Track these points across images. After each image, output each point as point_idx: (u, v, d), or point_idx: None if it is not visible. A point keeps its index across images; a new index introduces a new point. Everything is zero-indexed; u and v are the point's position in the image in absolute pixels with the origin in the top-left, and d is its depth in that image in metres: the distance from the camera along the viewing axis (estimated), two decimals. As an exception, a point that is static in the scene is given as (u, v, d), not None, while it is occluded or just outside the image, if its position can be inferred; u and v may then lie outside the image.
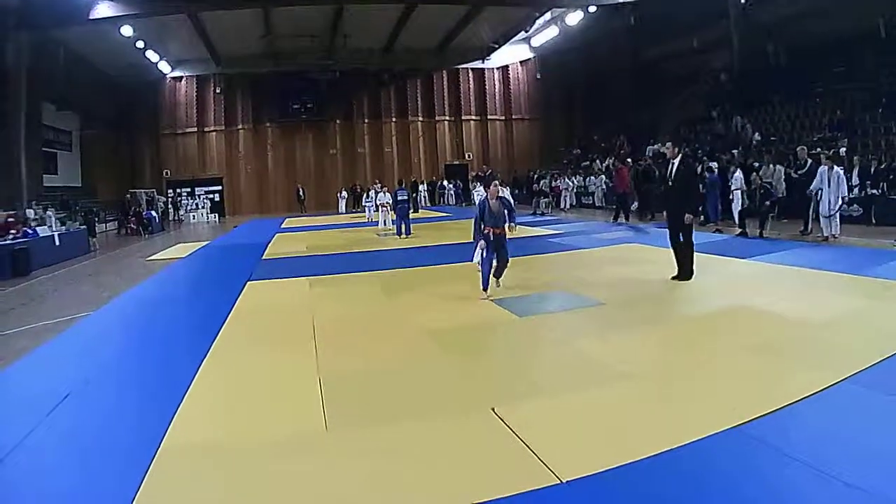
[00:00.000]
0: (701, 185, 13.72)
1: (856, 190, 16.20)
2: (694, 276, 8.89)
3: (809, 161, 14.28)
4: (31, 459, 4.02)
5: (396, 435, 4.11)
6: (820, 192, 12.63)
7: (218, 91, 37.64)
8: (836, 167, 12.78)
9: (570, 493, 3.26)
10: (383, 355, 6.03)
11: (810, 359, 5.18)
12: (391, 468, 3.64)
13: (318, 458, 3.84)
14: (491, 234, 8.33)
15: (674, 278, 8.98)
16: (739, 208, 15.17)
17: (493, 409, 4.38)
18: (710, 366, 5.20)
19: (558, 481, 3.34)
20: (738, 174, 15.69)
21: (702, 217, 15.17)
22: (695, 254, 9.06)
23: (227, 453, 3.94)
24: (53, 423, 4.59)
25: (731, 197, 16.10)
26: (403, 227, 17.76)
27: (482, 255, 8.37)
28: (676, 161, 9.05)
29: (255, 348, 6.61)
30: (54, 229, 18.60)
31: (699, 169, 15.42)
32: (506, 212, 8.53)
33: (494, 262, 8.51)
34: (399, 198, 18.00)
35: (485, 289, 8.46)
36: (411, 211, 19.49)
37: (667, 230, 9.38)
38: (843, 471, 3.27)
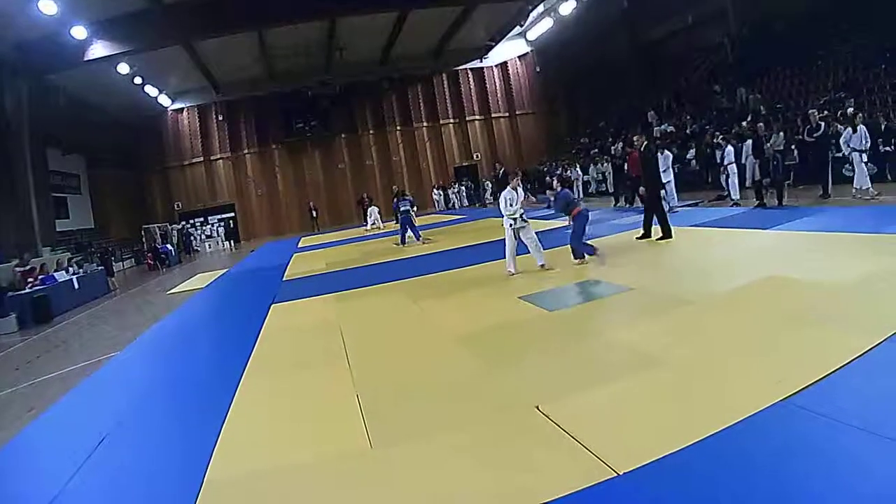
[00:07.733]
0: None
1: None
2: (718, 252, 8.81)
3: (822, 124, 14.13)
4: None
5: (444, 446, 4.02)
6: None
7: (220, 118, 37.88)
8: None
9: (628, 484, 3.20)
10: (419, 366, 5.95)
11: (849, 322, 5.09)
12: (444, 480, 3.57)
13: (367, 477, 3.77)
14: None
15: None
16: (736, 182, 15.71)
17: (537, 408, 4.31)
18: (750, 340, 5.09)
19: (615, 474, 3.28)
20: (729, 149, 15.78)
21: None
22: None
23: (271, 480, 3.89)
24: (93, 468, 4.55)
25: (723, 171, 16.47)
26: (412, 233, 18.21)
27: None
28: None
29: (288, 371, 6.56)
30: (72, 272, 18.67)
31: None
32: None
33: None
34: (402, 207, 18.21)
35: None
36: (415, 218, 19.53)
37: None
38: (896, 431, 3.21)
